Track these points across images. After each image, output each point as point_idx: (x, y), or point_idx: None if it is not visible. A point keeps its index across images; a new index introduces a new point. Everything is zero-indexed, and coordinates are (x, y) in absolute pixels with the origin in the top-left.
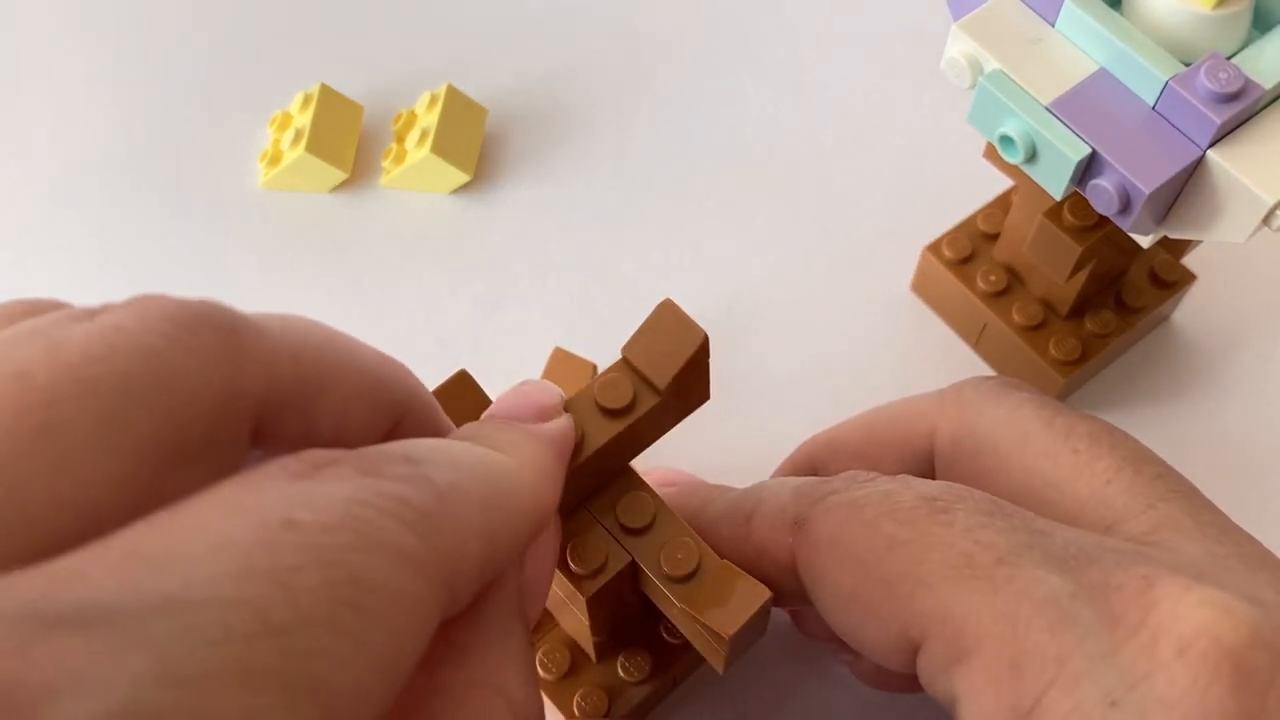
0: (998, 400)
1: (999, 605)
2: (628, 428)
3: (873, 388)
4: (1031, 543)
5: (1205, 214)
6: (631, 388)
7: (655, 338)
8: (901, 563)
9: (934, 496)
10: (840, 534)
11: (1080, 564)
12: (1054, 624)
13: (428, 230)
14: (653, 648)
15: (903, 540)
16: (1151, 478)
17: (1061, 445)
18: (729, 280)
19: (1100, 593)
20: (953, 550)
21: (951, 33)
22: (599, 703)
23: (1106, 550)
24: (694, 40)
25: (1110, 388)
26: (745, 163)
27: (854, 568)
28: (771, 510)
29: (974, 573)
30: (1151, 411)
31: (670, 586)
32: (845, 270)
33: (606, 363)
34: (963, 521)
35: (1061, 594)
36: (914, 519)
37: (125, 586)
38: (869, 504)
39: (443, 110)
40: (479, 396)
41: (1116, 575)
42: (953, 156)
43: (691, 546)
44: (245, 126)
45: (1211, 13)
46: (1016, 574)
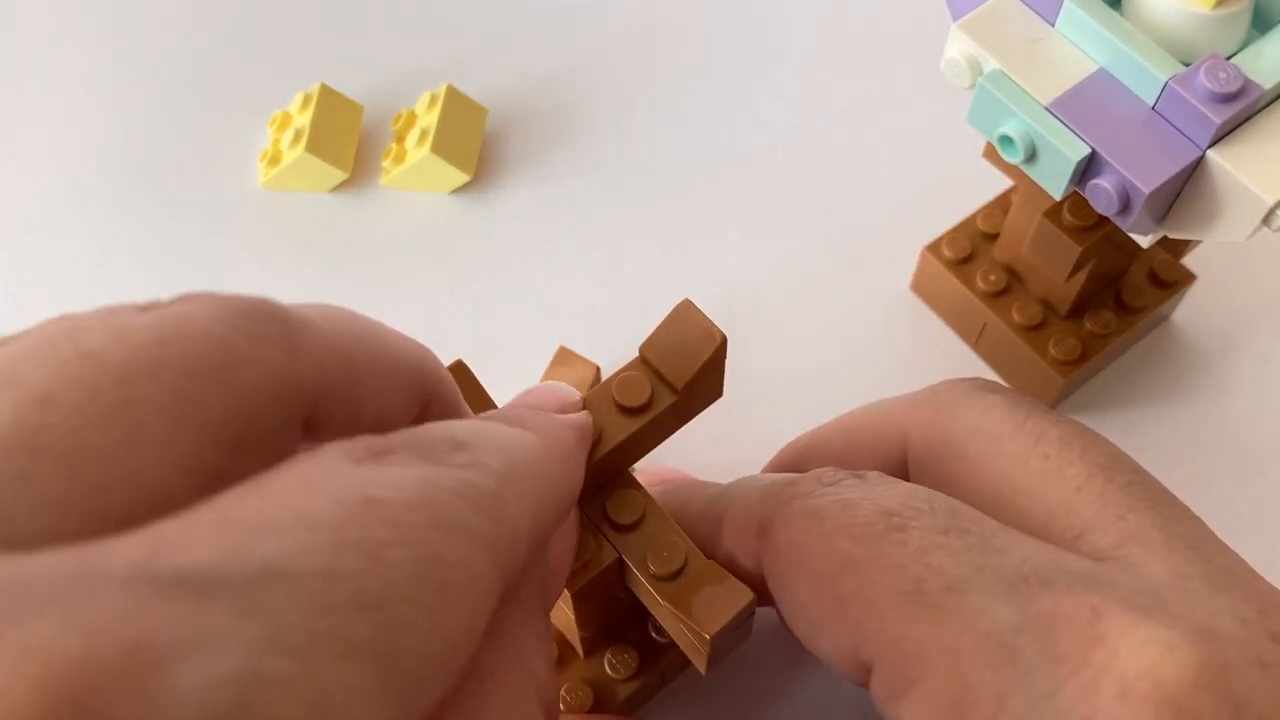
0: (969, 403)
1: (944, 637)
2: (644, 425)
3: (872, 387)
4: (984, 564)
5: (1205, 214)
6: (649, 386)
7: (673, 337)
8: (854, 582)
9: (892, 511)
10: (799, 545)
11: (1031, 588)
12: (996, 660)
13: (428, 230)
14: (641, 645)
15: (857, 559)
16: (1122, 486)
17: (1032, 450)
18: (729, 280)
19: (1047, 624)
20: (904, 574)
21: (951, 33)
22: (584, 698)
23: (1061, 572)
24: (694, 40)
25: (1110, 388)
26: (745, 162)
27: (811, 581)
28: (740, 514)
29: (922, 600)
30: (1151, 411)
31: (655, 584)
32: (845, 270)
33: (607, 362)
34: (917, 541)
35: (1007, 627)
36: (869, 536)
37: (228, 554)
38: (828, 516)
39: (443, 110)
40: (476, 388)
41: (1066, 602)
42: (953, 156)
43: (679, 545)
44: (245, 126)
45: (1211, 13)
46: (964, 603)
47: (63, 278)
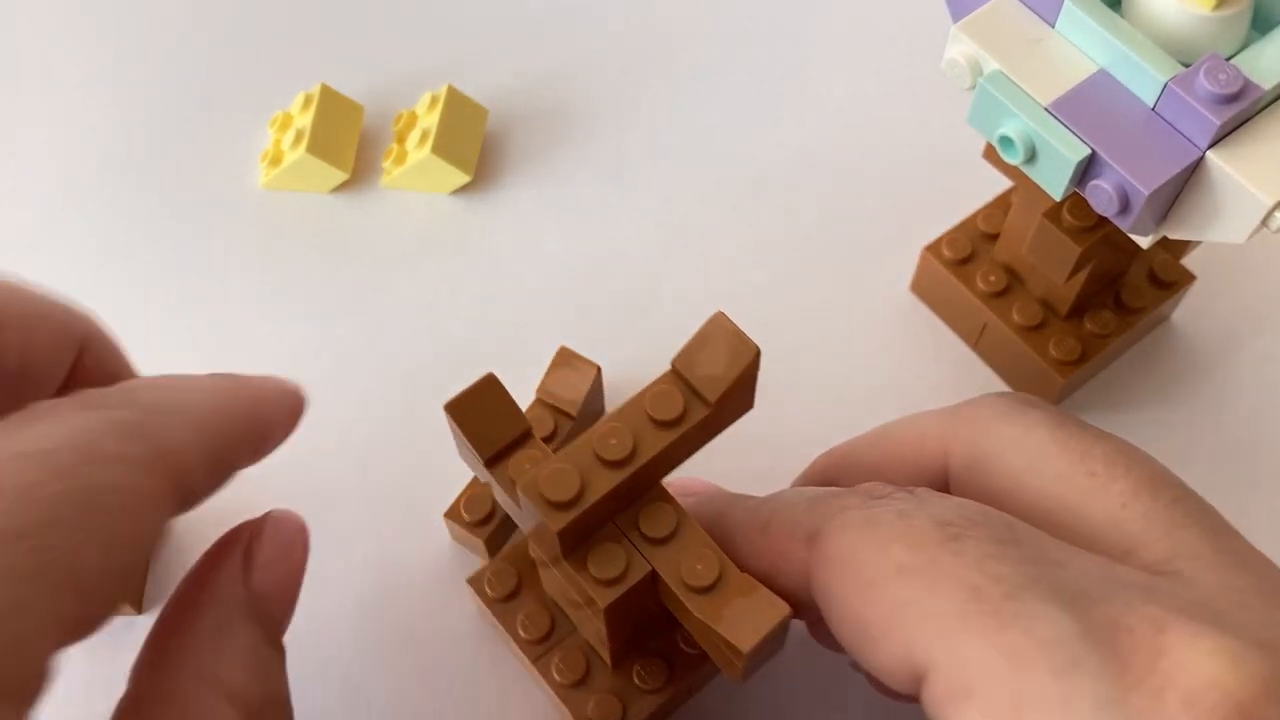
0: (1011, 420)
1: (1004, 643)
2: (677, 439)
3: (873, 388)
4: (1042, 575)
5: (1204, 214)
6: (682, 399)
7: (706, 350)
8: (910, 590)
9: (947, 521)
10: (852, 554)
11: (1091, 600)
12: (1059, 666)
13: (428, 231)
14: (669, 657)
15: (913, 567)
16: (1169, 502)
17: (1077, 467)
18: (728, 280)
19: (1109, 634)
20: (962, 583)
21: (951, 34)
22: (612, 710)
23: (1119, 585)
24: (694, 41)
25: (1110, 388)
26: (745, 163)
27: (863, 589)
28: (786, 522)
29: (981, 608)
30: (1151, 412)
31: (690, 597)
32: (845, 270)
33: (608, 362)
34: (974, 551)
35: (1069, 634)
36: (925, 545)
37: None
38: (882, 525)
39: (443, 111)
40: (505, 400)
41: (1127, 615)
42: (953, 156)
43: (712, 558)
44: (246, 127)
45: (1211, 14)
46: (1023, 610)
47: (63, 278)
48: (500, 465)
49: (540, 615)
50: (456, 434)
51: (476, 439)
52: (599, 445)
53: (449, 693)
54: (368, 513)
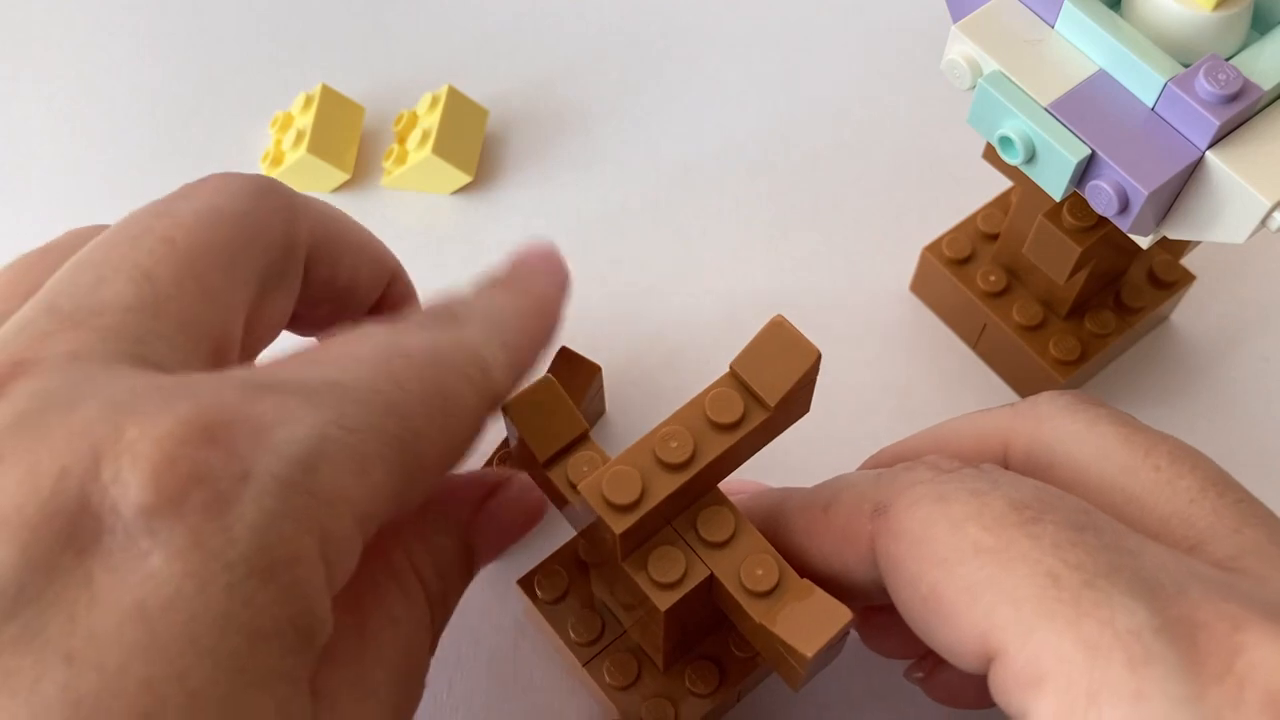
0: (1074, 415)
1: (1081, 632)
2: (737, 442)
3: (873, 387)
4: (1120, 564)
5: (1204, 215)
6: (742, 403)
7: (766, 354)
8: (985, 571)
9: (1024, 503)
10: (924, 529)
11: (1168, 593)
12: (1136, 659)
13: (429, 231)
14: (720, 660)
15: (988, 548)
16: (1234, 502)
17: (1142, 462)
18: (728, 280)
19: (1186, 629)
20: (1039, 567)
21: (951, 34)
22: (664, 713)
23: (1195, 578)
24: (694, 41)
25: (1110, 388)
26: (745, 163)
27: (935, 567)
28: (851, 498)
29: (1059, 595)
30: (1151, 411)
31: (749, 601)
32: (845, 270)
33: (608, 362)
34: (1052, 536)
35: (1146, 627)
36: (1002, 527)
37: (303, 375)
38: (955, 501)
39: (444, 111)
40: (564, 403)
41: (1204, 610)
42: (953, 156)
43: (771, 563)
44: (247, 127)
45: (1211, 14)
46: (1102, 600)
47: None
48: (558, 466)
49: (590, 617)
50: (513, 434)
51: (536, 439)
52: (659, 448)
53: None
54: None
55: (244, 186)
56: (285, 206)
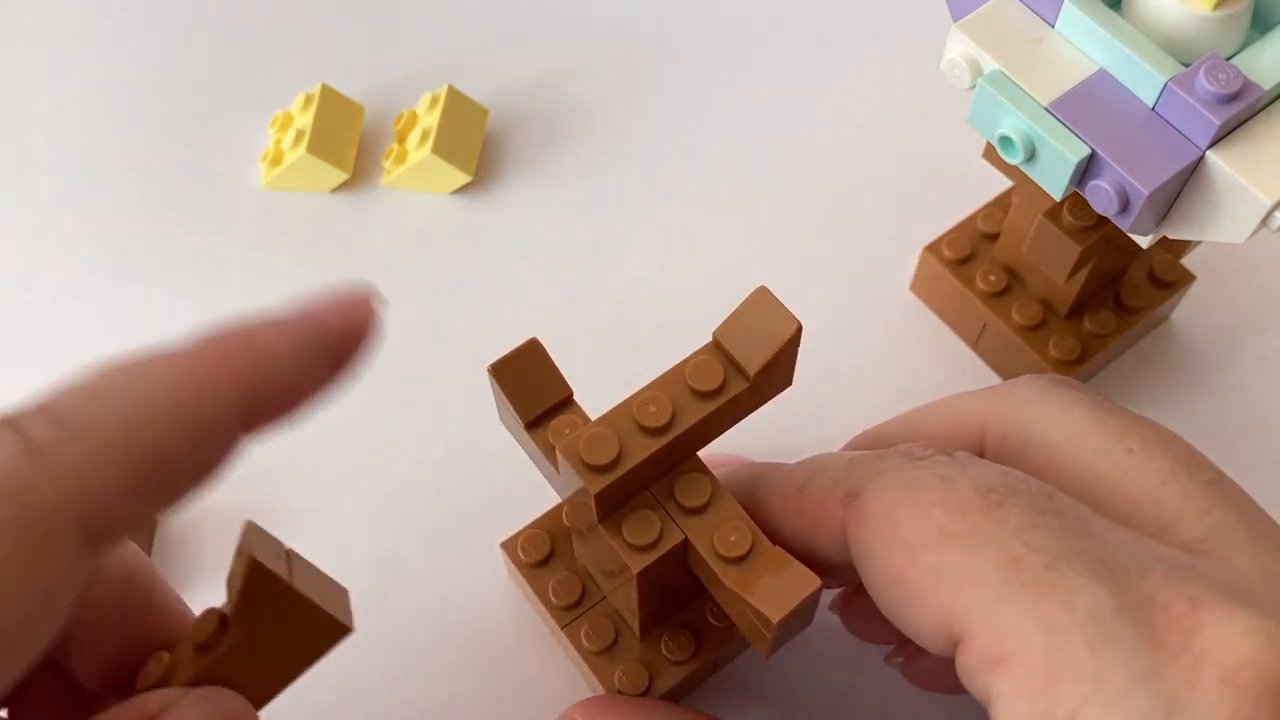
0: (1049, 397)
1: (1042, 613)
2: (715, 410)
3: (872, 388)
4: (1082, 548)
5: (1204, 214)
6: (722, 371)
7: (748, 323)
8: (950, 554)
9: (989, 487)
10: (891, 514)
11: (1129, 575)
12: (1095, 639)
13: (428, 230)
14: (697, 629)
15: (953, 532)
16: (1205, 483)
17: (1115, 444)
18: (729, 280)
19: (1145, 610)
20: (1002, 550)
21: (951, 33)
22: (639, 678)
23: (1157, 560)
24: (694, 41)
25: (1110, 388)
26: (745, 163)
27: (901, 551)
28: (825, 482)
29: (1020, 577)
30: (1151, 411)
31: (721, 567)
32: (845, 270)
33: (608, 362)
34: (1015, 519)
35: (1105, 608)
36: (967, 511)
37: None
38: (923, 487)
39: (443, 111)
40: (549, 367)
41: (1164, 591)
42: (953, 156)
43: (745, 530)
44: (246, 127)
45: (1211, 13)
46: (1062, 582)
47: (64, 279)
48: (540, 429)
49: (571, 582)
50: (499, 396)
51: (518, 402)
52: (638, 412)
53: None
54: (382, 492)
55: None
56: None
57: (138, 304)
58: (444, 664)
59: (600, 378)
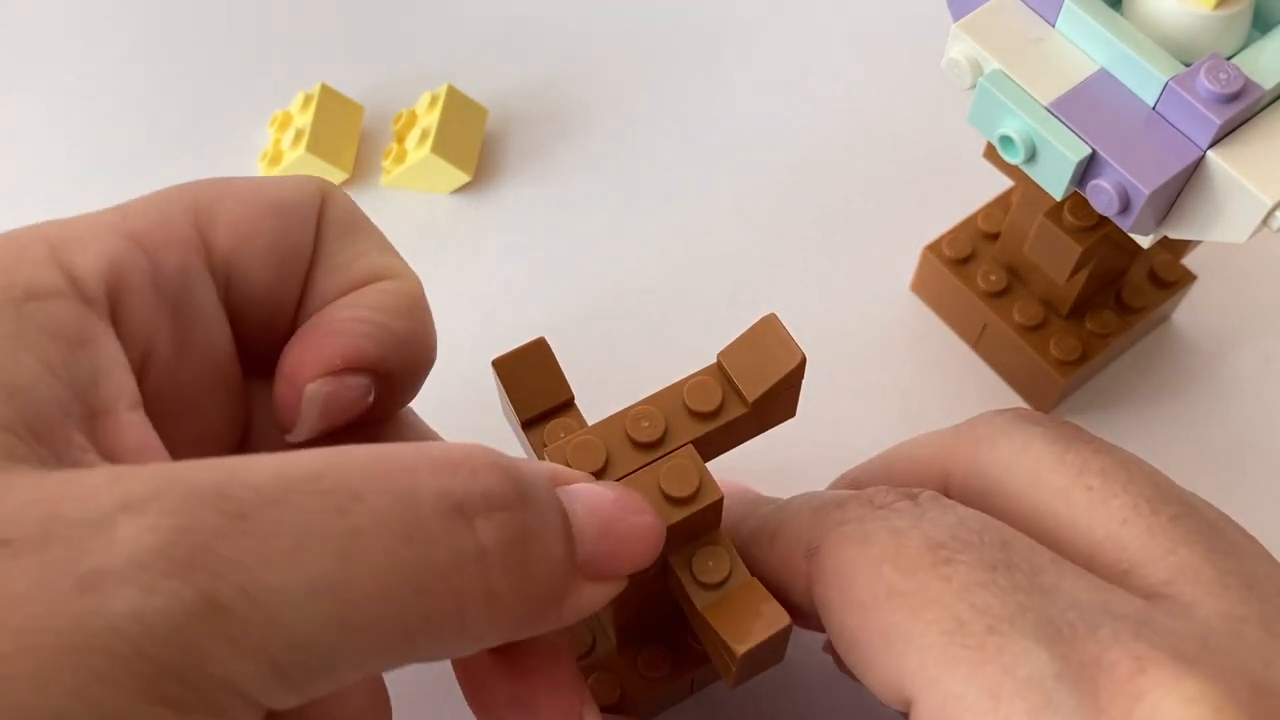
0: (1009, 436)
1: (983, 680)
2: (710, 432)
3: (872, 388)
4: (1029, 606)
5: (1205, 214)
6: (721, 393)
7: (753, 350)
8: (897, 615)
9: (940, 543)
10: (846, 571)
11: (1077, 633)
12: (1036, 707)
13: (428, 230)
14: (675, 649)
15: (901, 591)
16: (1170, 518)
17: (1074, 482)
18: (729, 280)
19: (1090, 672)
20: (947, 612)
21: (951, 33)
22: (610, 690)
23: (1108, 616)
24: (694, 40)
25: (1110, 388)
26: (745, 163)
27: (855, 609)
28: (789, 536)
29: (964, 640)
30: (1151, 411)
31: (696, 591)
32: (845, 270)
33: (608, 362)
34: (962, 578)
35: (1046, 673)
36: (915, 569)
37: None
38: (875, 543)
39: (443, 110)
40: (553, 368)
41: (1111, 651)
42: (953, 156)
43: (724, 557)
44: (245, 127)
45: (1212, 13)
46: (1005, 645)
47: None
48: (536, 429)
49: None
50: (500, 392)
51: (518, 399)
52: (630, 425)
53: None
54: None
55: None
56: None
57: None
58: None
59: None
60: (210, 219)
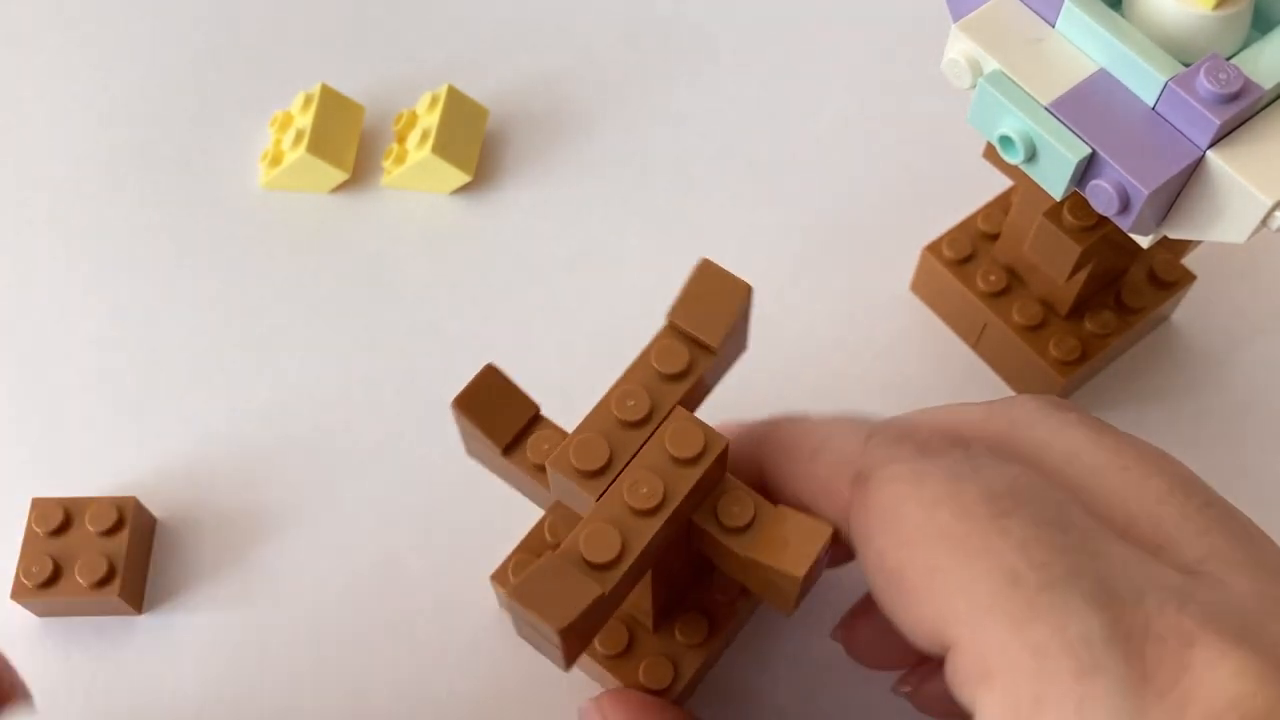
0: (1044, 419)
1: (1032, 635)
2: (690, 389)
3: (873, 388)
4: (1082, 567)
5: (1205, 214)
6: (686, 351)
7: (700, 298)
8: (949, 559)
9: (998, 494)
10: (897, 507)
11: (1124, 601)
12: (1083, 668)
13: (428, 230)
14: (706, 609)
15: (955, 536)
16: (1201, 505)
17: (1110, 461)
18: None
19: (1137, 640)
20: (1001, 564)
21: (951, 33)
22: (664, 671)
23: (1155, 585)
24: (694, 41)
25: (1110, 388)
26: (745, 163)
27: (901, 546)
28: (836, 455)
29: (1015, 594)
30: (1151, 412)
31: (731, 539)
32: (845, 270)
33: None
34: (1019, 532)
35: (1096, 637)
36: (972, 516)
37: None
38: (931, 484)
39: (443, 110)
40: (511, 388)
41: (1158, 621)
42: (953, 156)
43: (744, 497)
44: (246, 127)
45: (1212, 13)
46: (1057, 603)
47: (64, 278)
48: (518, 451)
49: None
50: (468, 429)
51: (490, 430)
52: (618, 408)
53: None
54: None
55: None
56: None
57: (137, 303)
58: (444, 664)
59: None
60: None
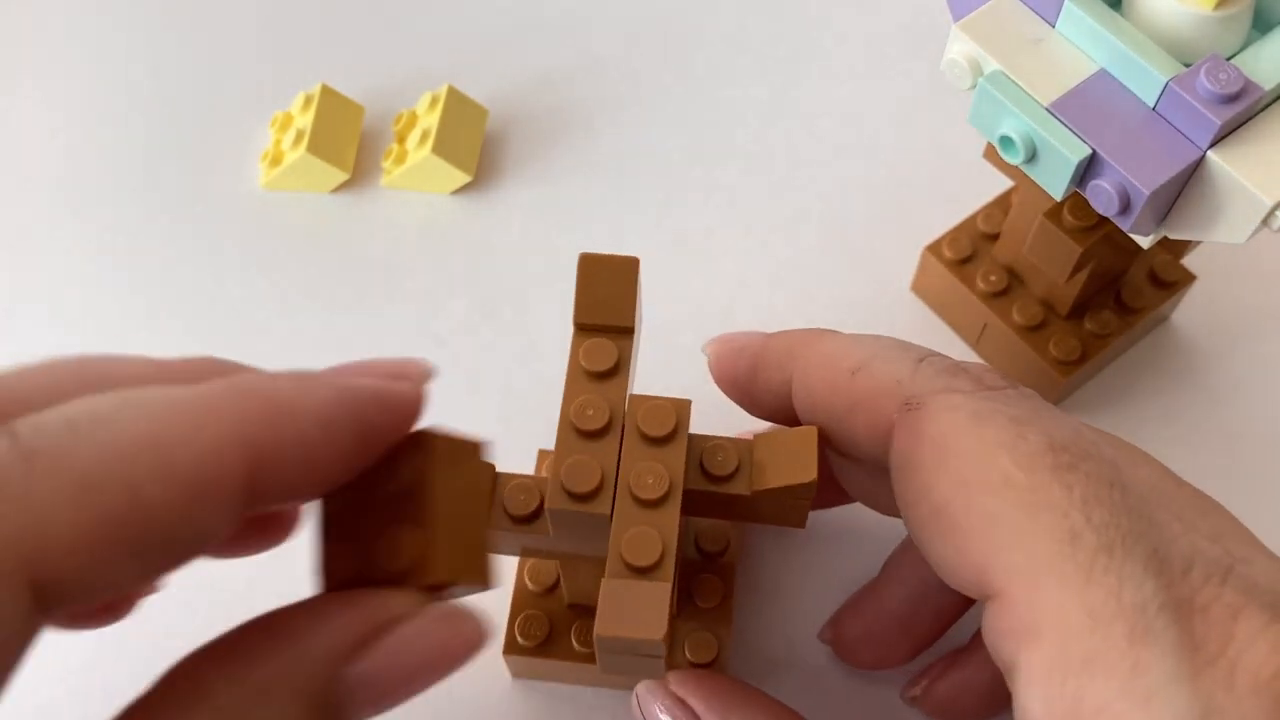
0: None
1: (1088, 597)
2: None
3: None
4: (1139, 532)
5: (1205, 214)
6: (610, 342)
7: (595, 290)
8: (1007, 508)
9: (1063, 445)
10: (952, 442)
11: (1177, 569)
12: (1135, 634)
13: (428, 231)
14: (718, 573)
15: (1016, 483)
16: (1194, 492)
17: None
18: (729, 280)
19: (1185, 610)
20: (1063, 520)
21: (951, 33)
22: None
23: (1200, 556)
24: (694, 41)
25: (1110, 388)
26: (745, 163)
27: (954, 483)
28: (884, 374)
29: (1074, 554)
30: (1151, 412)
31: (732, 485)
32: (845, 270)
33: None
34: (1082, 488)
35: (1151, 603)
36: (1035, 466)
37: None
38: (992, 424)
39: (443, 111)
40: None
41: (1204, 593)
42: (953, 156)
43: (719, 443)
44: (246, 127)
45: (1212, 13)
46: (1114, 567)
47: (63, 278)
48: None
49: (587, 625)
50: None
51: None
52: (579, 420)
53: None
54: None
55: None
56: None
57: (136, 303)
58: None
59: None
60: None
